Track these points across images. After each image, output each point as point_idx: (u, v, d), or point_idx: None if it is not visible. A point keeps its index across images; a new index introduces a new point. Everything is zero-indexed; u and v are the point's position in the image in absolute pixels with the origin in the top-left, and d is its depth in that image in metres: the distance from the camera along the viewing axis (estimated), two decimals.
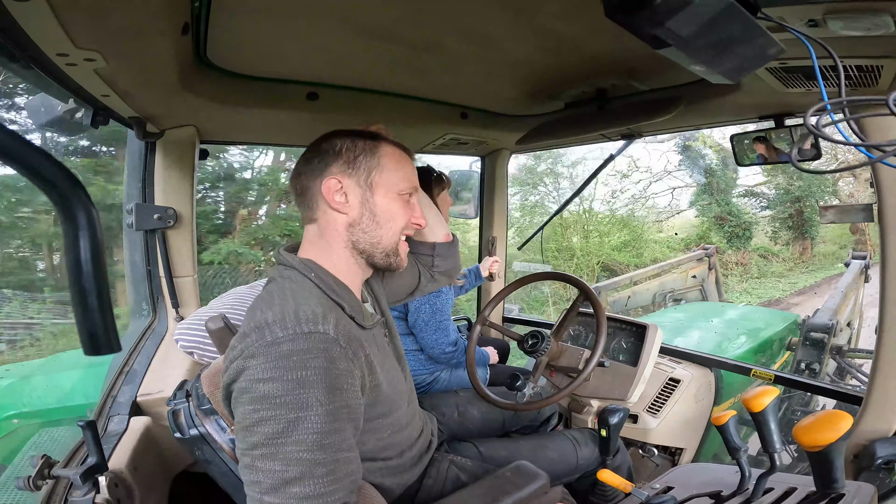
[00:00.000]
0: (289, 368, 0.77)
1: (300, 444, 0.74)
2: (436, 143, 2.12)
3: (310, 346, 0.79)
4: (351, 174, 0.96)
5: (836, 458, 0.91)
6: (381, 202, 0.98)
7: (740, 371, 1.99)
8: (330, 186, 0.95)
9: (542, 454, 1.36)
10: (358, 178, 0.97)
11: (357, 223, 0.97)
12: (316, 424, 0.76)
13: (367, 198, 0.97)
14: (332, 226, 0.98)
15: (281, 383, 0.76)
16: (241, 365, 0.79)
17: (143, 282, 1.66)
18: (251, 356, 0.78)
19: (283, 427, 0.74)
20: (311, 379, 0.77)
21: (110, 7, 0.76)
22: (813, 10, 0.78)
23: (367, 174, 0.97)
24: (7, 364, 2.88)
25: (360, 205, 0.97)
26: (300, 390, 0.76)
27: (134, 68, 1.02)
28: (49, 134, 5.31)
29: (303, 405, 0.75)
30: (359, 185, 0.97)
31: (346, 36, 1.17)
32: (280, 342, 0.78)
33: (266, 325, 0.80)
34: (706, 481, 1.15)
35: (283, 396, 0.75)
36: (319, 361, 0.79)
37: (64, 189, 0.50)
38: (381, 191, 0.98)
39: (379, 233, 0.99)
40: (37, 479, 0.98)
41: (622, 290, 4.93)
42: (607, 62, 1.40)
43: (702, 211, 14.03)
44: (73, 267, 0.50)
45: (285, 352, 0.78)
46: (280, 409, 0.75)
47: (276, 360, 0.77)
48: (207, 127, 1.59)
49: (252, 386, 0.77)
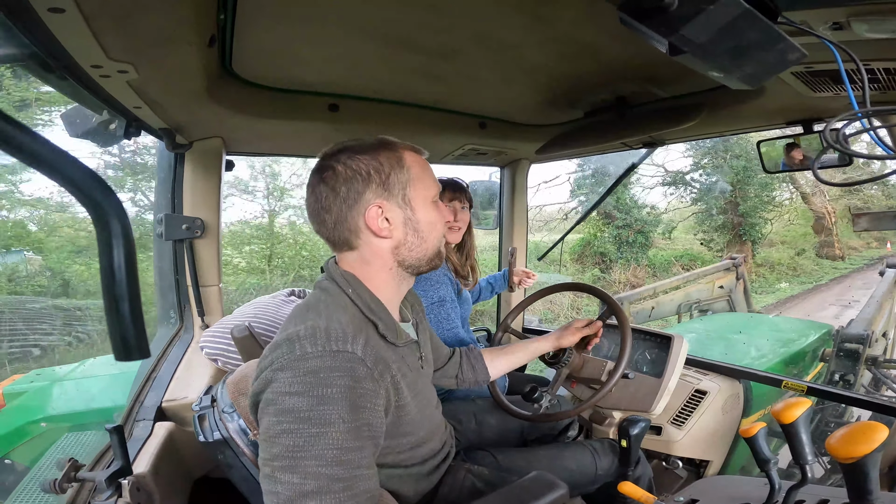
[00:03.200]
0: (314, 385, 0.78)
1: (319, 458, 0.75)
2: (455, 153, 2.12)
3: (336, 364, 0.80)
4: (388, 196, 0.93)
5: (871, 469, 0.88)
6: (422, 216, 0.97)
7: (771, 382, 1.94)
8: (372, 215, 0.92)
9: (561, 464, 1.34)
10: (395, 198, 0.93)
11: (402, 244, 0.96)
12: (337, 441, 0.76)
13: (409, 216, 0.95)
14: (375, 252, 0.96)
15: (306, 398, 0.77)
16: (270, 376, 0.81)
17: (171, 290, 1.70)
18: (280, 368, 0.80)
19: (304, 441, 0.76)
20: (336, 396, 0.78)
21: (141, 19, 0.79)
22: (836, 13, 0.77)
23: (403, 191, 0.94)
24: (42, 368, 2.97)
25: (404, 225, 0.95)
26: (323, 406, 0.77)
27: (163, 79, 1.06)
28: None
29: (325, 421, 0.76)
30: (398, 205, 0.94)
31: (367, 45, 1.19)
32: (308, 357, 0.80)
33: (297, 339, 0.82)
34: (733, 494, 1.12)
35: (306, 411, 0.76)
36: (345, 380, 0.80)
37: (98, 198, 0.52)
38: (418, 204, 0.96)
39: (424, 246, 0.98)
40: (63, 482, 1.00)
41: (646, 301, 4.84)
42: (627, 69, 1.39)
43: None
44: (107, 274, 0.52)
45: (313, 368, 0.79)
46: (303, 423, 0.76)
47: (304, 375, 0.78)
48: (233, 138, 1.63)
49: (278, 398, 0.78)
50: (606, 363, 1.72)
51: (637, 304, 4.75)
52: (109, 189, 0.53)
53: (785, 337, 3.43)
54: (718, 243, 13.32)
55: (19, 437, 2.37)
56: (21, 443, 2.37)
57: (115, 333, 0.53)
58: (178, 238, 1.62)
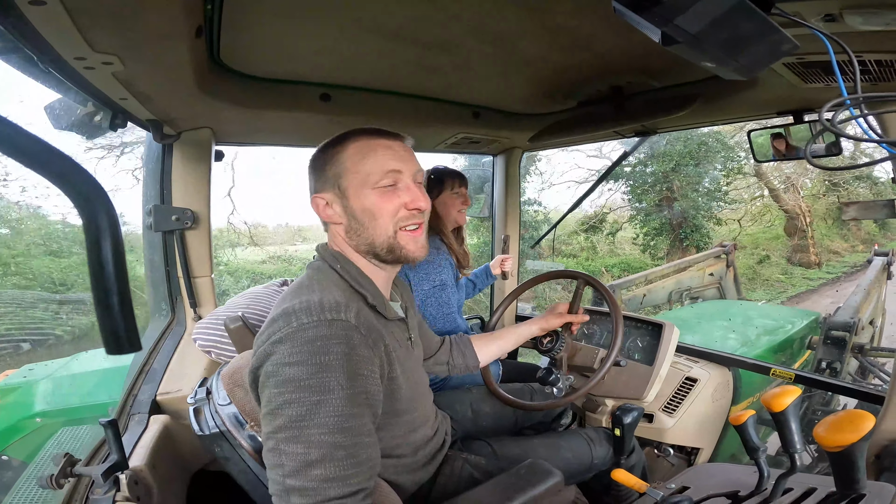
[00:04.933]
0: (313, 353, 0.80)
1: (322, 426, 0.77)
2: (447, 142, 2.12)
3: (332, 332, 0.83)
4: (327, 188, 1.00)
5: (858, 458, 0.90)
6: (356, 204, 0.98)
7: (759, 370, 1.96)
8: (318, 204, 1.02)
9: (557, 453, 1.36)
10: (332, 188, 1.00)
11: (349, 229, 1.01)
12: (337, 408, 0.79)
13: (346, 205, 0.99)
14: (336, 235, 1.04)
15: (305, 367, 0.79)
16: (269, 349, 0.83)
17: (163, 282, 1.68)
18: (279, 341, 0.82)
19: (306, 410, 0.78)
20: (333, 363, 0.80)
21: (126, 10, 0.77)
22: (829, 4, 0.77)
23: (336, 181, 0.99)
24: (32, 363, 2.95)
25: (343, 212, 1.00)
26: (323, 374, 0.79)
27: (150, 71, 1.04)
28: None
29: (325, 388, 0.79)
30: (335, 195, 1.00)
31: (358, 36, 1.17)
32: (305, 328, 0.83)
33: (293, 312, 0.85)
34: (723, 481, 1.13)
35: (307, 379, 0.79)
36: (341, 347, 0.82)
37: (86, 192, 0.51)
38: (352, 193, 0.98)
39: (369, 233, 1.00)
40: (59, 478, 1.00)
41: (637, 289, 4.88)
42: (622, 59, 1.38)
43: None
44: (96, 268, 0.52)
45: (310, 337, 0.82)
46: (304, 391, 0.78)
47: (302, 344, 0.81)
48: (223, 129, 1.60)
49: (278, 370, 0.81)
50: (599, 351, 1.73)
51: (629, 292, 4.79)
52: (97, 182, 0.53)
53: (774, 325, 3.47)
54: (661, 249, 11.27)
55: (15, 432, 2.37)
56: (17, 438, 2.36)
57: (105, 327, 0.53)
58: (168, 229, 1.60)
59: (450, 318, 1.76)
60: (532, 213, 11.48)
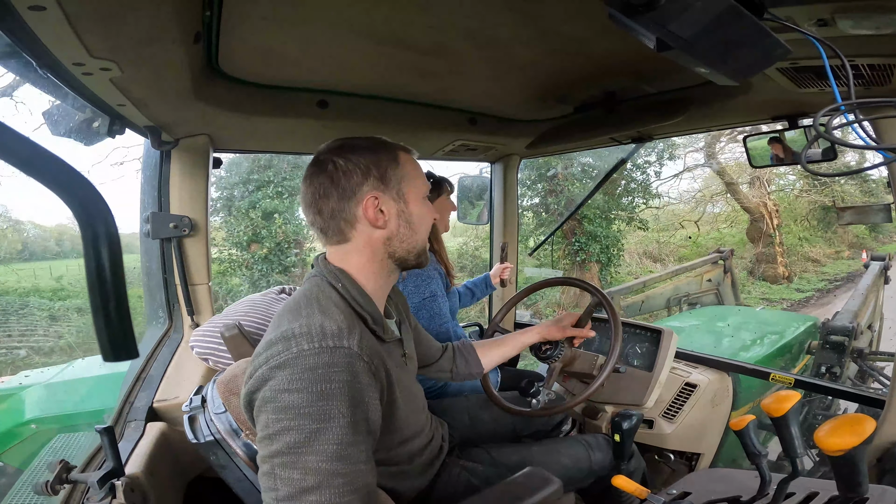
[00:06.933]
0: (313, 381, 0.79)
1: (320, 454, 0.76)
2: (445, 149, 2.12)
3: (334, 360, 0.81)
4: (385, 190, 0.97)
5: (859, 462, 0.89)
6: (415, 210, 1.01)
7: (759, 375, 1.96)
8: (369, 205, 0.96)
9: (555, 459, 1.35)
10: (391, 191, 0.98)
11: (395, 235, 1.00)
12: (337, 435, 0.77)
13: (402, 209, 1.00)
14: (369, 243, 0.99)
15: (305, 395, 0.78)
16: (267, 374, 0.81)
17: (160, 289, 1.68)
18: (277, 367, 0.80)
19: (304, 437, 0.76)
20: (335, 392, 0.79)
21: (124, 16, 0.77)
22: (821, 9, 0.78)
23: (398, 185, 0.99)
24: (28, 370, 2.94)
25: (397, 217, 0.99)
26: (323, 402, 0.78)
27: (148, 77, 1.04)
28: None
29: (325, 417, 0.77)
30: (393, 198, 0.98)
31: (354, 42, 1.18)
32: (306, 355, 0.81)
33: (293, 337, 0.83)
34: (725, 486, 1.13)
35: (306, 407, 0.77)
36: (343, 375, 0.81)
37: (83, 198, 0.51)
38: (412, 199, 1.01)
39: (415, 238, 1.02)
40: (55, 484, 0.99)
41: (636, 295, 4.88)
42: (615, 64, 1.39)
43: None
44: (93, 275, 0.51)
45: (311, 364, 0.80)
46: (303, 419, 0.77)
47: (302, 372, 0.79)
48: (220, 135, 1.61)
49: (277, 396, 0.79)
50: (598, 357, 1.73)
51: (627, 298, 4.80)
52: (95, 190, 0.52)
53: (772, 330, 3.47)
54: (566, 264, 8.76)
55: (10, 439, 2.35)
56: (12, 445, 2.35)
57: (102, 334, 0.53)
58: (166, 237, 1.60)
59: (444, 328, 1.76)
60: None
